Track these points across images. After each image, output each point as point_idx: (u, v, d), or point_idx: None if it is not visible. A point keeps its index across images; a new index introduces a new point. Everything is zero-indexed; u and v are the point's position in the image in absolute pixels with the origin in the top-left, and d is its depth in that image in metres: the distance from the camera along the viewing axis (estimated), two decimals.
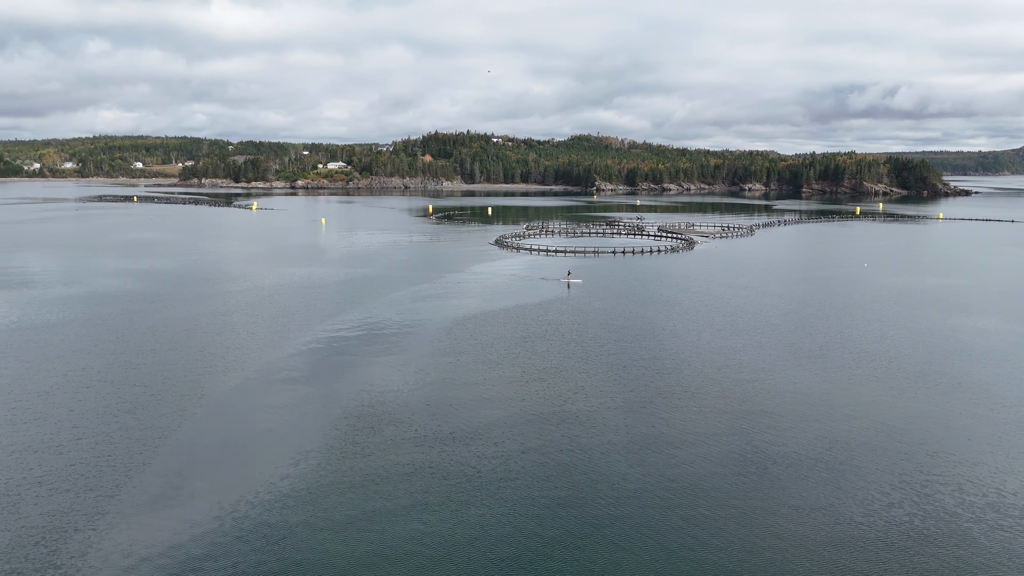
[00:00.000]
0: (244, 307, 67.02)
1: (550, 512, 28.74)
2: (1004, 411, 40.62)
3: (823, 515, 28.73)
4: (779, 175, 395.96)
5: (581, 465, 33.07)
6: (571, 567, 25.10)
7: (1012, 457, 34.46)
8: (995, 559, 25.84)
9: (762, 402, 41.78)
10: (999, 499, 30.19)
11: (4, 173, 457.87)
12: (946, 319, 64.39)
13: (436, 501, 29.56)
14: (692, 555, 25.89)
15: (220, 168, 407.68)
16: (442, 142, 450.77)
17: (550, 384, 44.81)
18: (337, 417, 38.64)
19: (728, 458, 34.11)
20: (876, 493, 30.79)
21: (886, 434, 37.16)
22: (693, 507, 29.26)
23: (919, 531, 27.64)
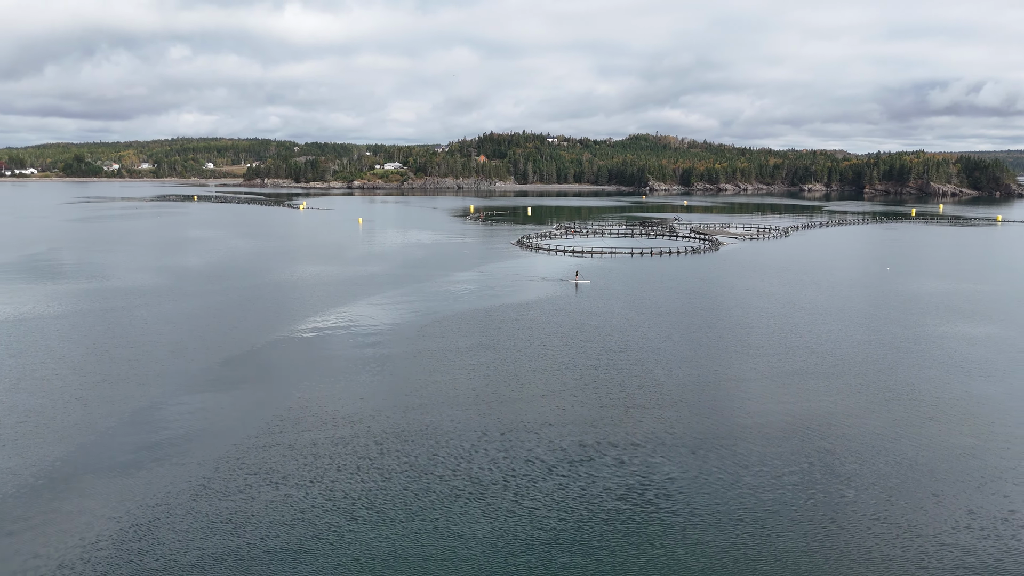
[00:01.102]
0: (234, 304, 69.84)
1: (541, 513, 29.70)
2: (930, 413, 39.42)
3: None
4: (841, 175, 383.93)
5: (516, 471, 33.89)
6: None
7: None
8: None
9: (724, 414, 41.64)
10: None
11: (85, 173, 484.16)
12: (938, 327, 62.06)
13: (374, 497, 30.89)
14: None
15: (282, 169, 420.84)
16: (497, 142, 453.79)
17: (480, 388, 45.62)
18: (252, 418, 40.44)
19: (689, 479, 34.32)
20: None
21: (791, 435, 36.67)
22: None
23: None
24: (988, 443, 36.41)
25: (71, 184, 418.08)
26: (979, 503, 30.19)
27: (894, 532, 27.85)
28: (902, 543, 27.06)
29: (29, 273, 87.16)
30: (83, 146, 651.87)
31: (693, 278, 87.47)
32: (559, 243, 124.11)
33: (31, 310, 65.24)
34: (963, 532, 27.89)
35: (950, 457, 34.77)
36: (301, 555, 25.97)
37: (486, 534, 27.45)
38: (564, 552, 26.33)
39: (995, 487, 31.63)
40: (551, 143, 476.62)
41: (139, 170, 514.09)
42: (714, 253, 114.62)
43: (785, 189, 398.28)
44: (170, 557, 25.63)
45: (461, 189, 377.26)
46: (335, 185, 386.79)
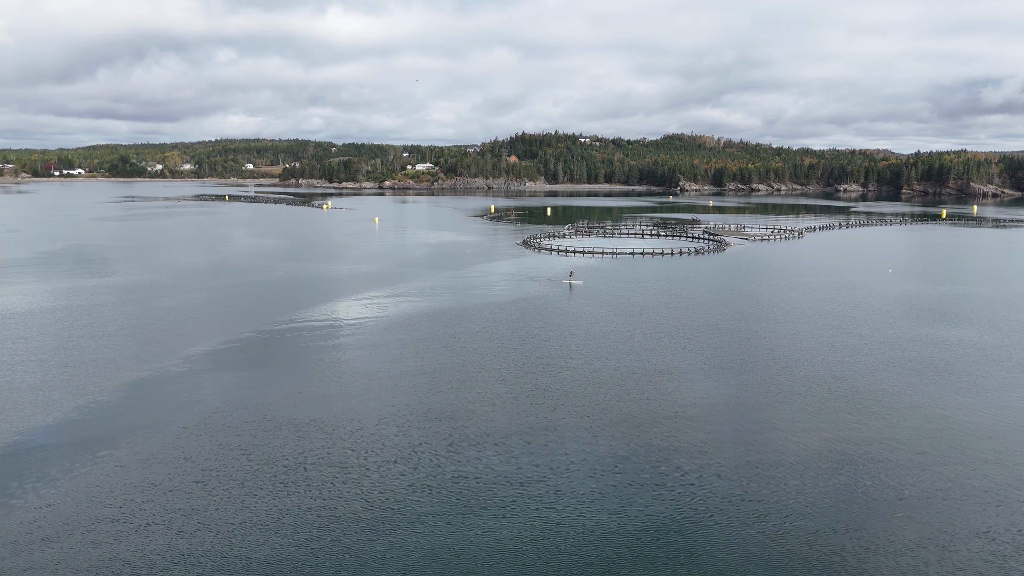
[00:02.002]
0: (221, 300, 71.85)
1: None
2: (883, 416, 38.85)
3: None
4: (879, 175, 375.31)
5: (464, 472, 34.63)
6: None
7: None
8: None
9: (663, 414, 41.80)
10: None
11: (130, 174, 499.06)
12: (911, 329, 60.81)
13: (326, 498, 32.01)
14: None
15: (316, 169, 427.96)
16: (528, 143, 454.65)
17: (437, 391, 46.34)
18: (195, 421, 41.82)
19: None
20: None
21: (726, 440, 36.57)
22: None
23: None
24: (872, 437, 35.90)
25: (115, 184, 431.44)
26: (842, 489, 29.91)
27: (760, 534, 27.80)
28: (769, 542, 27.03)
29: (36, 269, 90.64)
30: (130, 147, 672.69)
31: (684, 279, 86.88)
32: (565, 243, 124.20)
33: (20, 304, 68.09)
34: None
35: (833, 453, 34.38)
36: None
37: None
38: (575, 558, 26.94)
39: (873, 477, 31.27)
40: (583, 143, 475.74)
41: (181, 170, 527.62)
42: (718, 254, 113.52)
43: (820, 190, 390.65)
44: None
45: (491, 189, 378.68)
46: (367, 185, 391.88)
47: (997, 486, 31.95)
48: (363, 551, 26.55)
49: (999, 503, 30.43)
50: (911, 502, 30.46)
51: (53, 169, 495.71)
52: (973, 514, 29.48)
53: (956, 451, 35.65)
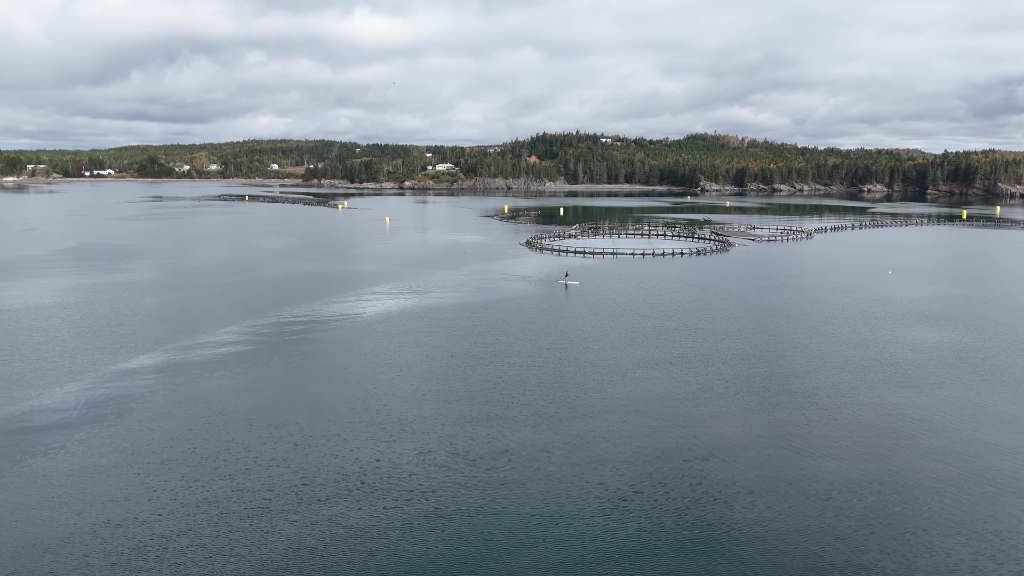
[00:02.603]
0: (210, 297, 73.29)
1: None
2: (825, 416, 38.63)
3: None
4: (904, 175, 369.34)
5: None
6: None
7: None
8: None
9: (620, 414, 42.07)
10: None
11: (158, 174, 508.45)
12: (892, 331, 60.07)
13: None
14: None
15: (338, 169, 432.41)
16: (549, 143, 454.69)
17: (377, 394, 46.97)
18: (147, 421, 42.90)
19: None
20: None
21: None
22: None
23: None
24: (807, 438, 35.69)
25: (143, 184, 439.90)
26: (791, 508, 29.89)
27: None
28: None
29: (40, 266, 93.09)
30: (159, 148, 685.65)
31: (677, 280, 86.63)
32: (568, 244, 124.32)
33: (14, 301, 70.14)
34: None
35: (741, 444, 34.30)
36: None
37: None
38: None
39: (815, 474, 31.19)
40: (604, 143, 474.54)
41: (208, 171, 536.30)
42: (720, 255, 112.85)
43: (844, 190, 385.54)
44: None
45: (510, 190, 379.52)
46: (387, 185, 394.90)
47: (904, 482, 31.69)
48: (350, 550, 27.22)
49: (913, 498, 30.21)
50: (798, 495, 30.35)
51: (84, 169, 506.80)
52: (876, 505, 29.34)
53: (878, 447, 35.38)
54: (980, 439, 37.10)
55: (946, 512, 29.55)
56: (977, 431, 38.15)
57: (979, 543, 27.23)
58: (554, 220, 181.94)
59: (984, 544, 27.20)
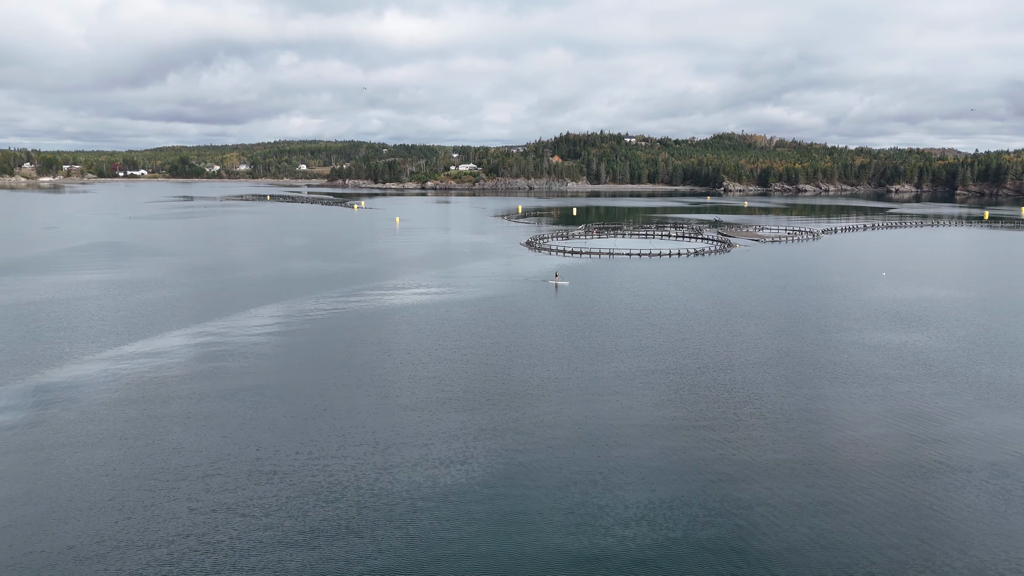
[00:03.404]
0: (198, 295, 75.18)
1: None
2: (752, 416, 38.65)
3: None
4: (934, 175, 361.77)
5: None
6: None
7: None
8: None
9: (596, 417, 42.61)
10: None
11: (188, 174, 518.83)
12: (860, 333, 59.52)
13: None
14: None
15: (363, 170, 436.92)
16: (572, 143, 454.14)
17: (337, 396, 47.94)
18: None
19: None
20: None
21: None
22: None
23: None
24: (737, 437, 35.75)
25: (173, 184, 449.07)
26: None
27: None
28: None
29: (44, 263, 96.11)
30: (192, 149, 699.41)
31: (666, 281, 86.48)
32: (568, 244, 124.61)
33: (6, 298, 72.76)
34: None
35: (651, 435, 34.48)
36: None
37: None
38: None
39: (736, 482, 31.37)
40: (629, 143, 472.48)
41: (237, 171, 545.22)
42: (718, 256, 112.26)
43: (872, 190, 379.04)
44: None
45: (532, 190, 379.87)
46: (410, 186, 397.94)
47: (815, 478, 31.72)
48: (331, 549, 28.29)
49: (814, 497, 30.28)
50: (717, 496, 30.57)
51: (118, 170, 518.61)
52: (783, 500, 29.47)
53: (788, 440, 35.37)
54: (900, 434, 36.91)
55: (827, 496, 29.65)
56: (899, 428, 37.92)
57: (875, 525, 27.32)
58: (566, 221, 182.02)
59: (880, 531, 27.29)
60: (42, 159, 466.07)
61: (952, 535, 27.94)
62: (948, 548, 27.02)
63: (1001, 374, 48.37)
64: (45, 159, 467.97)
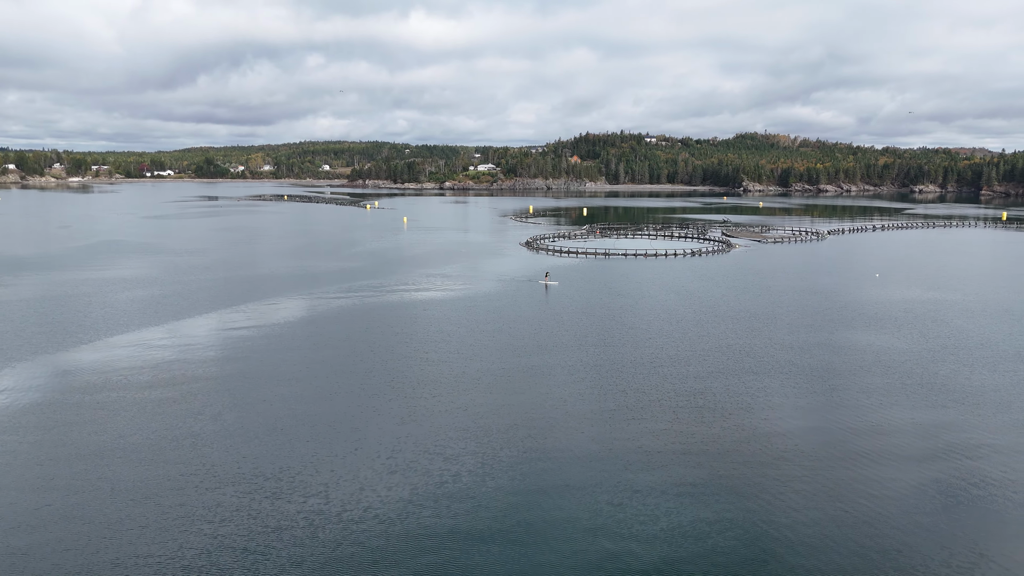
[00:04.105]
0: (185, 293, 76.77)
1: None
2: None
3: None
4: (959, 176, 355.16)
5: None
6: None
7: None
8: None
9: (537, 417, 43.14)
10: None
11: (213, 175, 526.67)
12: (830, 334, 59.10)
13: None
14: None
15: (382, 170, 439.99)
16: (592, 143, 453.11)
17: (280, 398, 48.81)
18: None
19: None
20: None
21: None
22: None
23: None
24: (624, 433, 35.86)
25: (198, 184, 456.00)
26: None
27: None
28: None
29: (45, 261, 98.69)
30: (220, 150, 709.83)
31: (653, 281, 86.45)
32: (568, 244, 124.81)
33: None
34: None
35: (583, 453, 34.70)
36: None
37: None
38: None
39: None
40: (649, 143, 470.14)
41: (261, 171, 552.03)
42: (716, 256, 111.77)
43: (895, 191, 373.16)
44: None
45: (550, 190, 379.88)
46: (428, 186, 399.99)
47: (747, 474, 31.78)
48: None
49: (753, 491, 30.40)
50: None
51: (145, 170, 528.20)
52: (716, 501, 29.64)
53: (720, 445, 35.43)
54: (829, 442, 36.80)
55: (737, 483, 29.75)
56: (827, 420, 37.81)
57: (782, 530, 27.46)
58: (581, 221, 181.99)
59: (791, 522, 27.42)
60: (71, 160, 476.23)
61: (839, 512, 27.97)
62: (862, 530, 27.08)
63: (959, 375, 47.87)
64: (74, 160, 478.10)
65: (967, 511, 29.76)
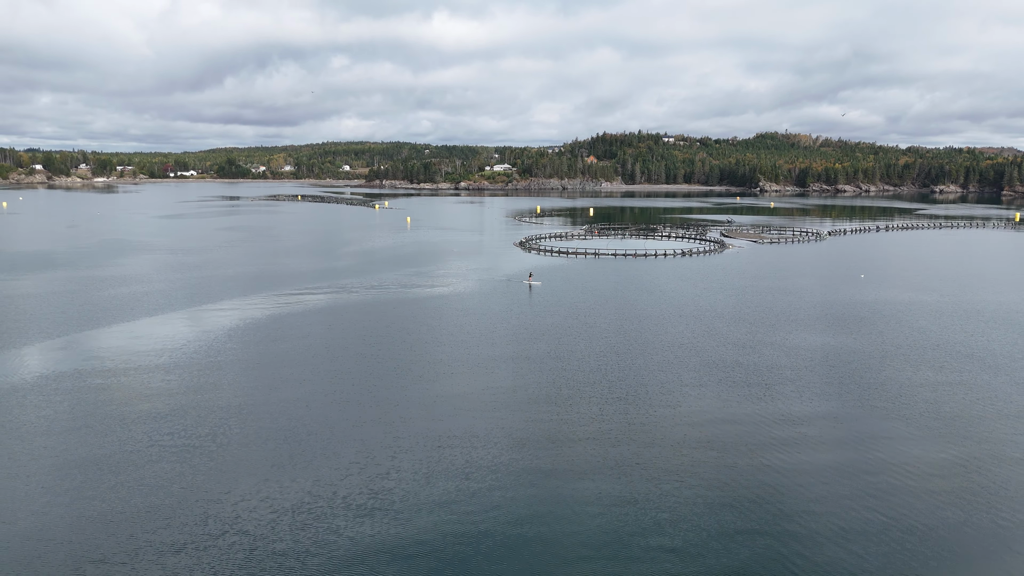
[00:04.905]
0: (165, 291, 78.54)
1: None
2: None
3: None
4: (981, 175, 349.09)
5: None
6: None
7: None
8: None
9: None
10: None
11: (235, 175, 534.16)
12: (789, 334, 58.97)
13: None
14: None
15: (399, 171, 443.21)
16: (609, 143, 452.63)
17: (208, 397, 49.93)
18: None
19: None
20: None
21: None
22: None
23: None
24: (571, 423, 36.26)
25: (219, 184, 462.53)
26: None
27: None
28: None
29: (46, 259, 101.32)
30: (243, 151, 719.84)
31: (632, 281, 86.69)
32: (561, 244, 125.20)
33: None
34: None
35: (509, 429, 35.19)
36: None
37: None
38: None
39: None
40: (667, 143, 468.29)
41: (282, 172, 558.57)
42: (706, 256, 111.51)
43: (915, 191, 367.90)
44: None
45: (565, 190, 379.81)
46: (444, 186, 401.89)
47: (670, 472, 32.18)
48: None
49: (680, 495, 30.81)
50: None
51: (169, 171, 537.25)
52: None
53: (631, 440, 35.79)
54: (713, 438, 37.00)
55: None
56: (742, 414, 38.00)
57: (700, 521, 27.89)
58: (586, 221, 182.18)
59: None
60: (97, 160, 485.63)
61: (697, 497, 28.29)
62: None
63: (900, 374, 47.68)
64: (100, 160, 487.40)
65: (862, 500, 29.92)
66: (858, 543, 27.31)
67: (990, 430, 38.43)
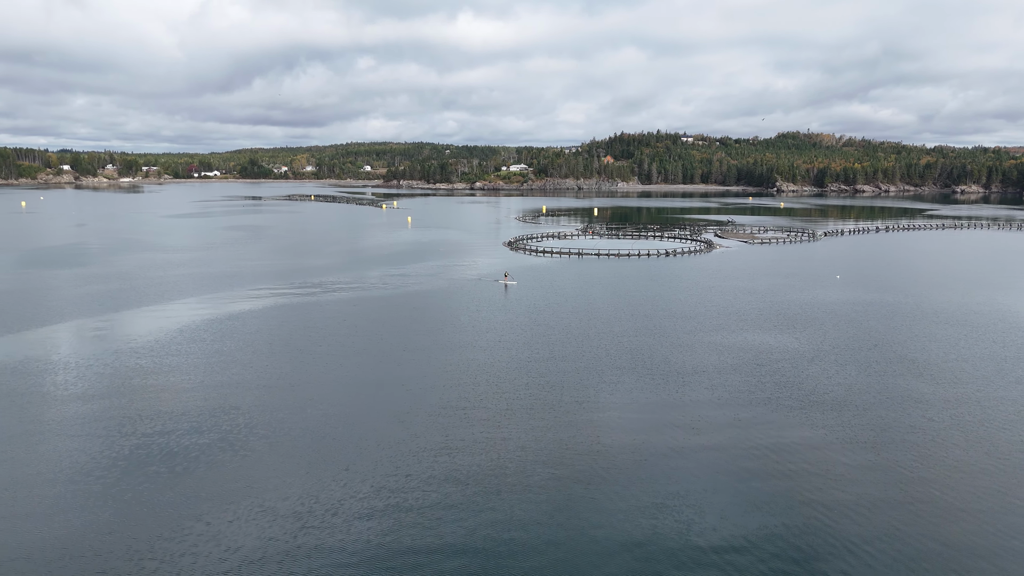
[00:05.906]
0: (141, 288, 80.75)
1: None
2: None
3: None
4: (1004, 175, 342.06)
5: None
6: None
7: None
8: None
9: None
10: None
11: (257, 175, 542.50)
12: (733, 334, 59.12)
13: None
14: None
15: (416, 171, 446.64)
16: (626, 143, 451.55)
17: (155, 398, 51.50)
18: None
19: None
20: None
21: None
22: None
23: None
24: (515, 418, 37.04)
25: (241, 184, 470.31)
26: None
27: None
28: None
29: (44, 257, 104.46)
30: (268, 151, 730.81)
31: (607, 281, 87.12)
32: (549, 244, 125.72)
33: None
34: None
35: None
36: None
37: None
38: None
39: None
40: (685, 143, 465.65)
41: (304, 172, 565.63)
42: (690, 256, 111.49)
43: (936, 191, 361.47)
44: None
45: (581, 190, 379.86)
46: (459, 186, 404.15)
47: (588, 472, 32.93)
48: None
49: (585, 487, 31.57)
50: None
51: (193, 171, 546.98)
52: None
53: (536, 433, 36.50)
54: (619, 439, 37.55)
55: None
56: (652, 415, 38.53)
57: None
58: (591, 221, 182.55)
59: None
60: (123, 161, 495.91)
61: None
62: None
63: (823, 374, 47.74)
64: (126, 161, 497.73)
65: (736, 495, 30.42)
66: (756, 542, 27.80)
67: (888, 428, 38.51)
